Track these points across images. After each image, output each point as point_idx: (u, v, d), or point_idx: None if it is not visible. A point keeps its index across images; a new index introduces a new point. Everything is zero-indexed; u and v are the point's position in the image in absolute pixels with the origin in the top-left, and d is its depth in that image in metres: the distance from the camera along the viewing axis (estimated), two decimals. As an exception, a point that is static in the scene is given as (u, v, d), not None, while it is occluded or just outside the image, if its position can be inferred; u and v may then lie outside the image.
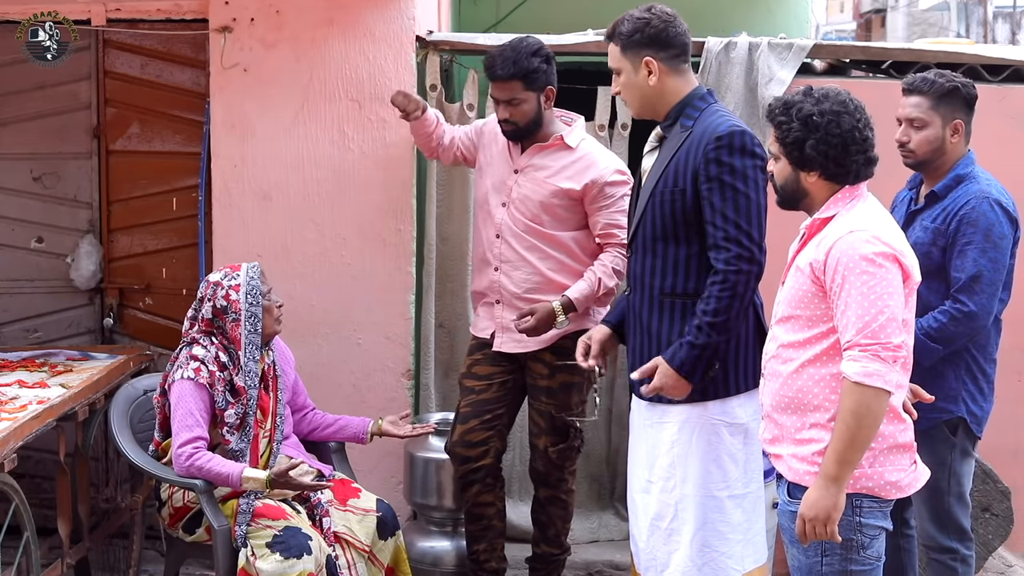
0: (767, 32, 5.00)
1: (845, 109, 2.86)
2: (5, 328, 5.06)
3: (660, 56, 3.40)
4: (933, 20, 31.65)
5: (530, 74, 3.96)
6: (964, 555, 3.66)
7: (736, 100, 4.68)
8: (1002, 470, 4.42)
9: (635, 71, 3.42)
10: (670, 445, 3.44)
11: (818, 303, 2.86)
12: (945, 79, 3.61)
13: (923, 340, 3.49)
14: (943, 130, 3.60)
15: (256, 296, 3.80)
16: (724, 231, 3.29)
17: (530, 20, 6.13)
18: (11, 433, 3.50)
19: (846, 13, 38.56)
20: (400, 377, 4.74)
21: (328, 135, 4.67)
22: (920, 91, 3.61)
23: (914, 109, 3.61)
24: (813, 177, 2.91)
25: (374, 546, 3.82)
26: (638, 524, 3.57)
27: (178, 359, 3.80)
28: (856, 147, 2.87)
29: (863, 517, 2.87)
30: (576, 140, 4.04)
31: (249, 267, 3.86)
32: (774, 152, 2.98)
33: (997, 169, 3.77)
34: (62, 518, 4.05)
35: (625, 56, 3.43)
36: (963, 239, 3.54)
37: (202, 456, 3.64)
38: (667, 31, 3.40)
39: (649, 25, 3.40)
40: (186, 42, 4.88)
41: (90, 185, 5.01)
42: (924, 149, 3.62)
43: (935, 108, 3.60)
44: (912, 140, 3.62)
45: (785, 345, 2.93)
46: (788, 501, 2.94)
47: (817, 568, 2.89)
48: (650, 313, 3.46)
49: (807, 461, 2.87)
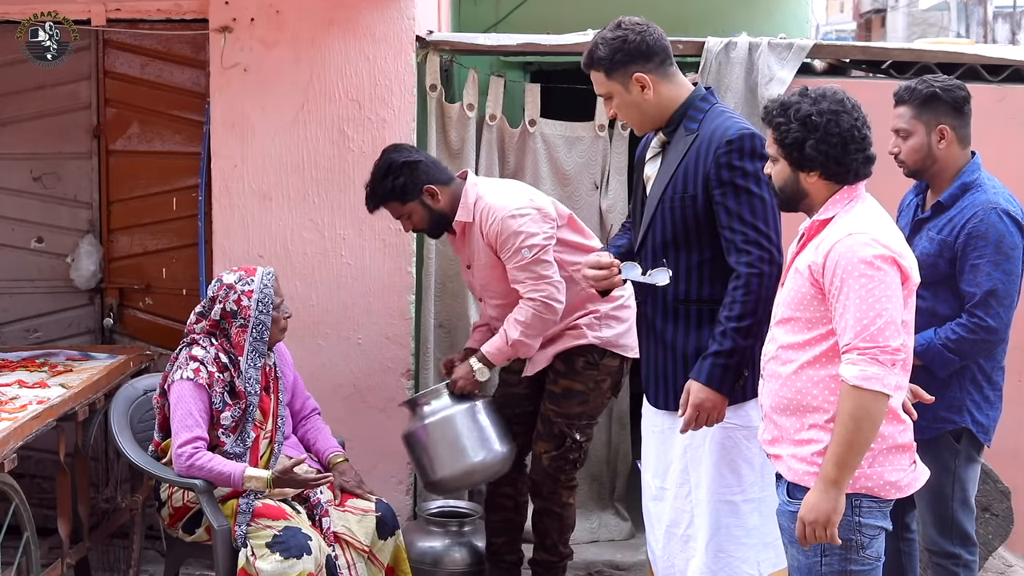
0: (767, 32, 4.99)
1: (843, 108, 2.86)
2: (5, 328, 5.06)
3: (648, 68, 3.33)
4: (933, 20, 31.62)
5: (392, 194, 4.04)
6: (967, 560, 3.63)
7: (736, 100, 4.68)
8: (1002, 470, 4.42)
9: (627, 91, 3.35)
10: (683, 451, 3.40)
11: (817, 305, 2.85)
12: (924, 85, 3.56)
13: (940, 350, 3.47)
14: (928, 137, 3.55)
15: (267, 305, 3.79)
16: (743, 234, 3.25)
17: (530, 20, 6.13)
18: (11, 433, 3.50)
19: (846, 13, 38.54)
20: (400, 377, 4.74)
21: (328, 135, 4.67)
22: (903, 100, 3.59)
23: (899, 119, 3.60)
24: (813, 177, 2.90)
25: (374, 546, 3.82)
26: (654, 532, 3.54)
27: (177, 359, 3.80)
28: (855, 146, 2.86)
29: (862, 517, 2.86)
30: (468, 213, 4.05)
31: (264, 274, 3.84)
32: (772, 154, 2.96)
33: (997, 169, 3.76)
34: (62, 518, 4.04)
35: (612, 79, 3.35)
36: (974, 253, 3.47)
37: (203, 456, 3.64)
38: (645, 41, 3.33)
39: (626, 41, 3.31)
40: (186, 42, 4.88)
41: (90, 185, 5.01)
42: (913, 158, 3.58)
43: (917, 116, 3.56)
44: (902, 151, 3.60)
45: (785, 347, 2.92)
46: (788, 501, 2.94)
47: (816, 568, 2.89)
48: (664, 322, 3.40)
49: (806, 461, 2.87)
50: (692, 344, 3.35)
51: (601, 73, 3.37)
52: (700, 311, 3.35)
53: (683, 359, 3.37)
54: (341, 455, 4.00)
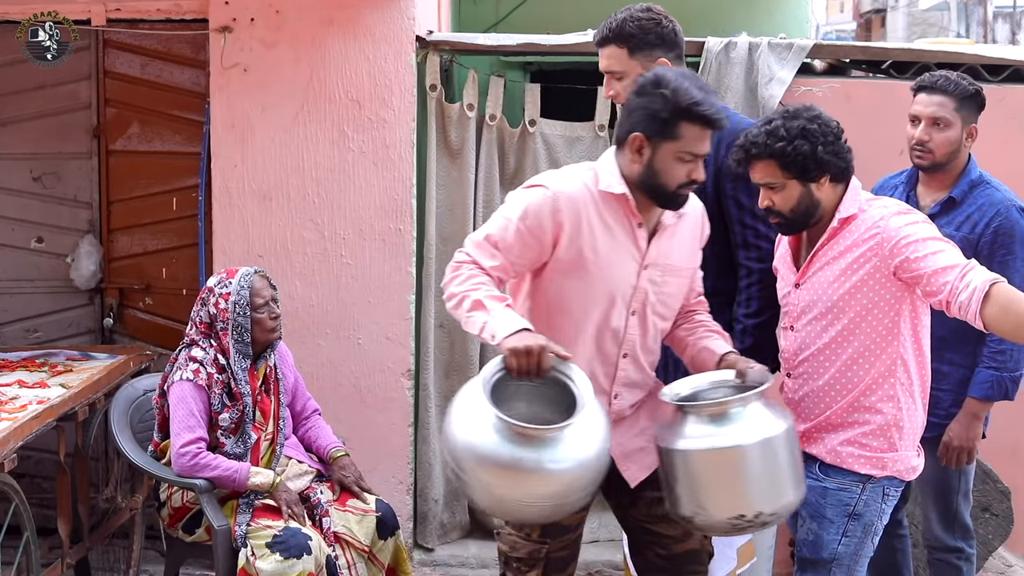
0: (767, 32, 4.99)
1: (816, 112, 2.97)
2: (5, 328, 5.06)
3: (670, 56, 3.30)
4: (933, 20, 31.63)
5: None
6: (968, 553, 3.68)
7: (736, 100, 4.68)
8: (1002, 470, 4.42)
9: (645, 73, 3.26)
10: None
11: (881, 290, 2.91)
12: (968, 82, 3.57)
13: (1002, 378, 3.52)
14: (962, 133, 3.55)
15: (244, 307, 3.76)
16: (754, 229, 3.27)
17: (530, 20, 6.13)
18: (11, 433, 3.50)
19: (846, 13, 38.55)
20: (400, 377, 4.74)
21: (328, 135, 4.67)
22: (945, 91, 3.54)
23: (940, 108, 3.53)
24: (824, 183, 2.96)
25: (374, 546, 3.82)
26: None
27: (177, 360, 3.80)
28: (843, 138, 2.97)
29: (886, 504, 3.00)
30: None
31: (243, 275, 3.82)
32: (774, 183, 2.96)
33: (997, 169, 3.76)
34: (62, 518, 4.04)
35: (635, 58, 3.27)
36: (1001, 251, 3.49)
37: (205, 456, 3.65)
38: (675, 30, 3.31)
39: (660, 24, 3.27)
40: (186, 42, 4.88)
41: (90, 185, 5.01)
42: (944, 150, 3.55)
43: (958, 110, 3.54)
44: (933, 140, 3.54)
45: (827, 343, 2.98)
46: (821, 478, 2.99)
47: (833, 545, 2.97)
48: None
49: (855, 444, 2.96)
50: None
51: (624, 50, 3.28)
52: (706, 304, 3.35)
53: None
54: (341, 450, 4.00)
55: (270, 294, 3.84)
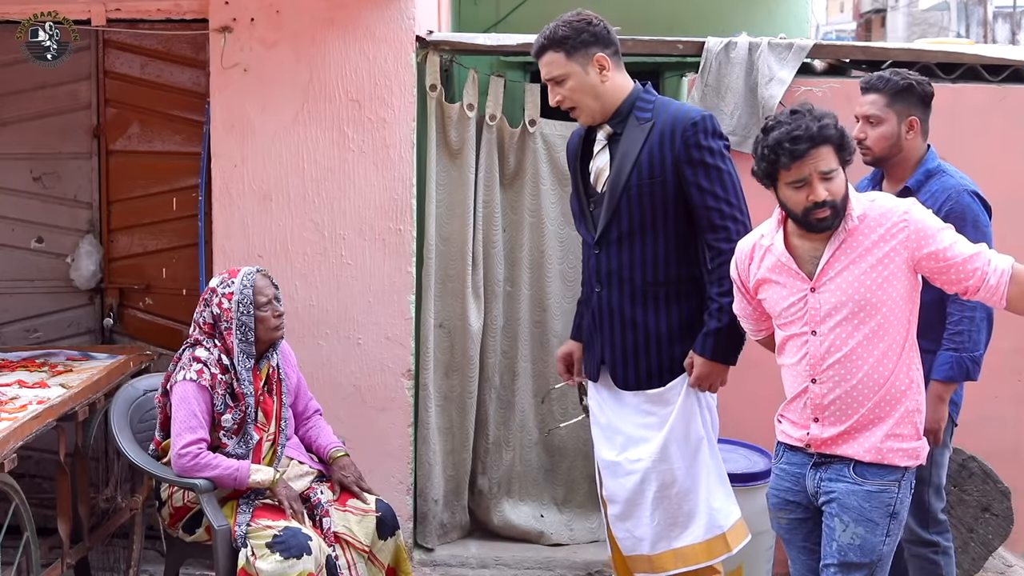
0: (767, 32, 4.99)
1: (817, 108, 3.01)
2: (5, 328, 5.06)
3: (607, 52, 3.48)
4: (933, 20, 31.64)
5: None
6: (945, 547, 3.71)
7: (736, 100, 4.68)
8: (1002, 470, 4.42)
9: (585, 72, 3.46)
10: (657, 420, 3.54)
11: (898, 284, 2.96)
12: (900, 77, 3.69)
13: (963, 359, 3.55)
14: (898, 126, 3.66)
15: (247, 306, 3.78)
16: (718, 211, 3.41)
17: (530, 20, 6.11)
18: (11, 433, 3.50)
19: (846, 13, 38.56)
20: (400, 377, 4.74)
21: (328, 135, 4.67)
22: (876, 89, 3.70)
23: (870, 106, 3.69)
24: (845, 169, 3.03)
25: (374, 546, 3.82)
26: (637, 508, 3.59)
27: (181, 359, 3.80)
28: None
29: (910, 494, 3.08)
30: None
31: (245, 274, 3.83)
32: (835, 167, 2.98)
33: (997, 169, 3.78)
34: (62, 518, 4.04)
35: (572, 60, 3.46)
36: None
37: (205, 455, 3.65)
38: (606, 28, 3.50)
39: (591, 24, 3.47)
40: (186, 42, 4.88)
41: (90, 185, 5.01)
42: (881, 145, 3.68)
43: (890, 105, 3.66)
44: (869, 136, 3.69)
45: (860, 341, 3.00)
46: (859, 481, 3.03)
47: (880, 547, 3.03)
48: (632, 306, 3.53)
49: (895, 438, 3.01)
50: (664, 323, 3.51)
51: (561, 54, 3.47)
52: (668, 292, 3.51)
53: (655, 338, 3.52)
54: (341, 450, 4.01)
55: (273, 292, 3.86)
